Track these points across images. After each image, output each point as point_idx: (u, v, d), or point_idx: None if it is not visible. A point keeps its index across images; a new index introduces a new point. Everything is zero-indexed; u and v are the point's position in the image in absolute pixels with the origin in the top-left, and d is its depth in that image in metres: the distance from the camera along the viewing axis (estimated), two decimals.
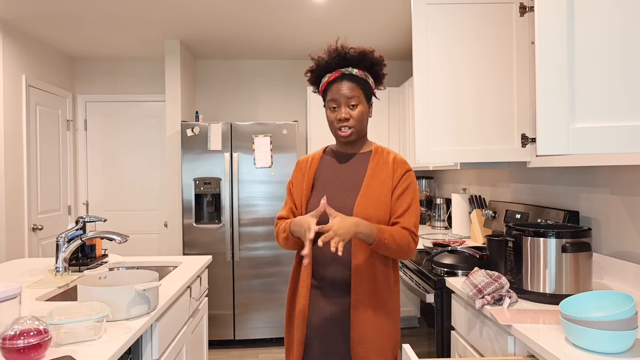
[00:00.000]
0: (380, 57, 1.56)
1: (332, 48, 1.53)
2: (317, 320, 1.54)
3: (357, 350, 1.47)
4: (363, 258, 1.48)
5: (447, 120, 2.06)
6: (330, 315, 1.52)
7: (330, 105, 1.53)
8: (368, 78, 1.54)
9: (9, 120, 3.46)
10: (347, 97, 1.49)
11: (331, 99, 1.52)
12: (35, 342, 1.09)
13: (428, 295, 1.99)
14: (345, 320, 1.51)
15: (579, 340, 1.16)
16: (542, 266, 1.57)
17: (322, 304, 1.53)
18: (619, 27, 1.06)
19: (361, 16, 3.36)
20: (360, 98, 1.51)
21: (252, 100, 4.59)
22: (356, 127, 1.52)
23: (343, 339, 1.51)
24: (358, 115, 1.51)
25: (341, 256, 1.50)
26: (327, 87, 1.55)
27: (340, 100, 1.50)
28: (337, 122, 1.52)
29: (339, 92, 1.50)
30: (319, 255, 1.54)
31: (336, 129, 1.54)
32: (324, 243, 1.40)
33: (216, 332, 3.68)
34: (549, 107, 1.10)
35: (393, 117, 4.19)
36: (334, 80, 1.53)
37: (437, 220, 3.61)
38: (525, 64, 2.05)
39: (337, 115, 1.51)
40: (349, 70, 1.52)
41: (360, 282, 1.48)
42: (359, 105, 1.51)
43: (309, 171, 1.61)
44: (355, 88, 1.51)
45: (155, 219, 4.58)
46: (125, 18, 3.37)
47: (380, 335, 1.49)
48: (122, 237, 2.03)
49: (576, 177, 2.09)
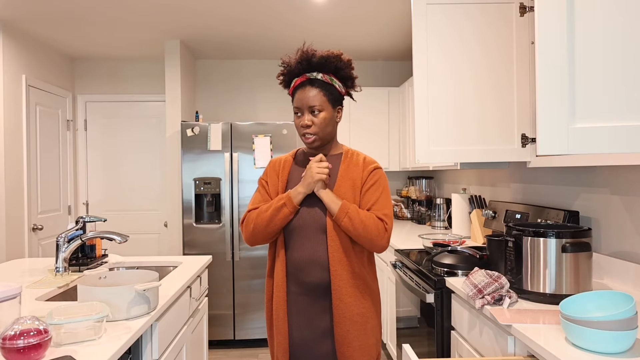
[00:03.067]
0: (348, 60, 1.54)
1: (299, 51, 1.53)
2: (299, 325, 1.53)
3: (343, 350, 1.48)
4: (340, 260, 1.48)
5: (447, 120, 2.06)
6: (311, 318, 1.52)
7: (295, 111, 1.54)
8: (334, 82, 1.53)
9: (9, 120, 3.46)
10: (310, 103, 1.50)
11: (295, 105, 1.53)
12: (35, 342, 1.09)
13: (428, 295, 1.99)
14: (328, 321, 1.51)
15: (579, 340, 1.16)
16: (542, 266, 1.57)
17: (302, 308, 1.53)
18: (619, 27, 1.06)
19: (361, 16, 3.36)
20: (324, 104, 1.51)
21: (252, 100, 4.59)
22: (319, 133, 1.52)
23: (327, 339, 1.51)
24: (320, 121, 1.51)
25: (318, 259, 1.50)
26: (293, 92, 1.55)
27: (303, 106, 1.51)
28: (300, 128, 1.53)
29: (302, 98, 1.51)
30: (296, 260, 1.53)
31: (301, 135, 1.55)
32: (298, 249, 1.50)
33: (216, 332, 3.68)
34: (549, 107, 1.10)
35: (393, 117, 4.19)
36: (299, 86, 1.53)
37: (437, 220, 3.61)
38: (525, 64, 2.05)
39: (300, 122, 1.52)
40: (313, 75, 1.51)
41: (339, 284, 1.47)
42: (322, 112, 1.51)
43: (282, 173, 1.61)
44: (318, 93, 1.50)
45: (155, 219, 4.58)
46: (125, 18, 3.37)
47: (364, 334, 1.50)
48: (122, 237, 2.03)
49: (576, 177, 2.09)
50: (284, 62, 1.56)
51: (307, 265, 1.51)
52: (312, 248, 1.50)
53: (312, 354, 1.52)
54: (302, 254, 1.51)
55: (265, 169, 1.67)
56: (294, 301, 1.54)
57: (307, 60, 1.51)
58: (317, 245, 1.50)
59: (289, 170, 1.62)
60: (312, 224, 1.51)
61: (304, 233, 1.51)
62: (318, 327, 1.51)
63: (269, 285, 1.60)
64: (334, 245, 1.48)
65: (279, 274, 1.53)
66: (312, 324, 1.52)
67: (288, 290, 1.55)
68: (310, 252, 1.50)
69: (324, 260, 1.49)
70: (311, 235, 1.51)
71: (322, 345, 1.51)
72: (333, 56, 1.51)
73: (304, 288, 1.52)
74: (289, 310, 1.55)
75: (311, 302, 1.52)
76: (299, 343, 1.53)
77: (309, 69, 1.52)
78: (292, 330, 1.54)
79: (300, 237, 1.52)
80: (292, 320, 1.54)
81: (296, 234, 1.52)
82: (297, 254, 1.52)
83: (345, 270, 1.48)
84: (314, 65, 1.52)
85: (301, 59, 1.52)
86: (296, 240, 1.53)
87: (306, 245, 1.51)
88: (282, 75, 1.58)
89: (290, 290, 1.55)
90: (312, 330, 1.52)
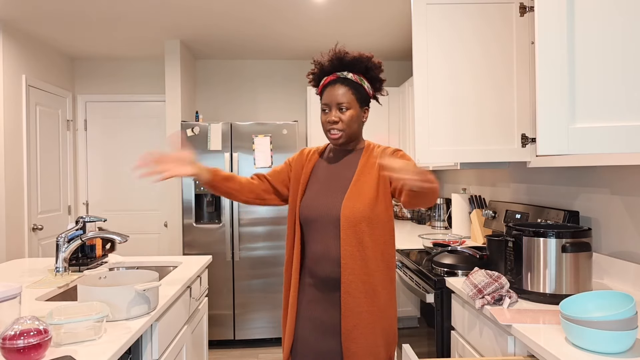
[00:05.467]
0: (378, 62, 1.58)
1: (331, 51, 1.57)
2: (307, 316, 1.56)
3: (348, 345, 1.48)
4: (352, 254, 1.48)
5: (447, 120, 2.06)
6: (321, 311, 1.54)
7: (323, 108, 1.57)
8: (363, 82, 1.56)
9: (9, 120, 3.46)
10: (338, 100, 1.52)
11: (324, 102, 1.56)
12: (35, 342, 1.09)
13: (428, 295, 1.99)
14: (337, 316, 1.52)
15: (579, 340, 1.16)
16: (542, 266, 1.57)
17: (312, 300, 1.56)
18: (619, 27, 1.06)
19: (361, 16, 3.36)
20: (352, 102, 1.54)
21: (252, 100, 4.59)
22: (345, 130, 1.54)
23: (334, 334, 1.51)
24: (348, 118, 1.53)
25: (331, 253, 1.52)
26: (322, 90, 1.59)
27: (331, 103, 1.54)
28: (327, 124, 1.56)
29: (330, 95, 1.54)
30: (311, 251, 1.57)
31: (326, 131, 1.57)
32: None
33: (216, 332, 3.68)
34: (549, 107, 1.10)
35: (393, 117, 4.19)
36: (329, 84, 1.56)
37: (437, 220, 3.61)
38: (525, 64, 2.05)
39: (327, 118, 1.55)
40: (344, 74, 1.55)
41: (349, 278, 1.48)
42: (349, 109, 1.53)
43: (307, 165, 1.65)
44: (347, 92, 1.53)
45: (155, 219, 4.58)
46: (125, 18, 3.37)
47: (372, 333, 1.49)
48: (122, 237, 2.03)
49: (576, 177, 2.09)
50: (316, 61, 1.60)
51: (321, 258, 1.53)
52: (326, 242, 1.53)
53: (318, 347, 1.53)
54: (317, 247, 1.55)
55: (295, 155, 1.72)
56: (307, 292, 1.58)
57: (338, 60, 1.55)
58: (330, 239, 1.52)
59: (314, 163, 1.66)
60: (326, 217, 1.52)
61: (319, 226, 1.54)
62: (326, 321, 1.53)
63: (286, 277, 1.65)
64: (346, 239, 1.48)
65: (295, 265, 1.58)
66: (321, 317, 1.54)
67: (303, 281, 1.60)
68: (323, 246, 1.53)
69: (336, 254, 1.51)
70: (325, 229, 1.53)
71: (329, 340, 1.52)
72: (364, 57, 1.55)
73: (317, 280, 1.55)
74: (300, 300, 1.59)
75: (323, 296, 1.55)
76: (306, 335, 1.55)
77: (340, 68, 1.56)
78: (300, 321, 1.57)
79: (316, 230, 1.55)
80: (302, 311, 1.58)
81: (312, 227, 1.55)
82: (312, 247, 1.56)
83: (357, 265, 1.48)
84: (345, 65, 1.55)
85: (333, 58, 1.56)
86: (312, 233, 1.56)
87: (320, 238, 1.54)
88: (312, 74, 1.62)
89: (304, 281, 1.59)
90: (320, 323, 1.54)
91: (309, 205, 1.56)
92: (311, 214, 1.55)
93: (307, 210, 1.56)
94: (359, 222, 1.48)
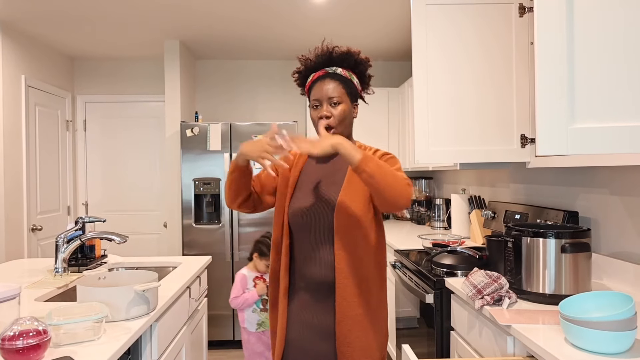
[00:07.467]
0: (366, 57, 1.56)
1: (318, 48, 1.53)
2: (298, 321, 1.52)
3: (343, 349, 1.45)
4: (346, 258, 1.45)
5: (447, 120, 2.06)
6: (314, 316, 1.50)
7: (313, 104, 1.52)
8: (352, 77, 1.54)
9: (9, 121, 3.46)
10: (329, 95, 1.48)
11: (313, 98, 1.51)
12: (35, 342, 1.09)
13: (427, 296, 1.99)
14: (330, 320, 1.49)
15: (578, 341, 1.16)
16: (542, 266, 1.57)
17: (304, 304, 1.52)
18: (618, 28, 1.06)
19: (361, 16, 3.36)
20: (343, 96, 1.50)
21: (251, 100, 4.59)
22: (337, 125, 1.50)
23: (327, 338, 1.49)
24: (339, 113, 1.49)
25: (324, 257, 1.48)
26: (311, 86, 1.54)
27: (322, 98, 1.49)
28: (318, 120, 1.50)
29: (321, 90, 1.50)
30: (301, 255, 1.52)
31: (317, 127, 1.52)
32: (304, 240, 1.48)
33: (216, 332, 3.68)
34: (549, 107, 1.10)
35: (393, 117, 4.19)
36: (317, 79, 1.52)
37: (436, 221, 3.61)
38: (525, 64, 2.05)
39: (319, 113, 1.50)
40: (333, 69, 1.52)
41: (344, 282, 1.45)
42: (341, 104, 1.49)
43: (296, 164, 1.61)
44: (338, 86, 1.49)
45: (154, 219, 4.58)
46: (125, 18, 3.37)
47: (366, 335, 1.47)
48: (122, 238, 2.03)
49: (575, 177, 2.09)
50: (302, 58, 1.56)
51: (313, 262, 1.50)
52: (318, 245, 1.49)
53: (311, 353, 1.50)
54: (308, 251, 1.50)
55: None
56: (297, 296, 1.53)
57: (327, 55, 1.52)
58: (322, 243, 1.49)
59: (303, 163, 1.62)
60: (318, 221, 1.49)
61: (310, 229, 1.50)
62: (319, 326, 1.50)
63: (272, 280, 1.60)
64: (340, 243, 1.45)
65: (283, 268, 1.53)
66: (313, 323, 1.50)
67: (292, 285, 1.55)
68: (315, 250, 1.49)
69: (330, 258, 1.48)
70: (317, 232, 1.49)
71: (322, 345, 1.49)
72: (353, 52, 1.53)
73: (308, 284, 1.51)
74: (290, 304, 1.54)
75: (314, 300, 1.51)
76: (298, 340, 1.51)
77: (329, 64, 1.53)
78: (291, 326, 1.53)
79: (306, 233, 1.51)
80: (293, 315, 1.53)
81: (302, 230, 1.51)
82: (303, 250, 1.52)
83: (351, 269, 1.46)
84: (334, 60, 1.52)
85: (322, 54, 1.52)
86: (302, 236, 1.52)
87: (312, 242, 1.50)
88: (298, 72, 1.58)
89: (294, 285, 1.54)
90: (313, 329, 1.50)
91: (300, 208, 1.52)
92: (302, 218, 1.51)
93: (297, 212, 1.52)
94: (353, 226, 1.45)
